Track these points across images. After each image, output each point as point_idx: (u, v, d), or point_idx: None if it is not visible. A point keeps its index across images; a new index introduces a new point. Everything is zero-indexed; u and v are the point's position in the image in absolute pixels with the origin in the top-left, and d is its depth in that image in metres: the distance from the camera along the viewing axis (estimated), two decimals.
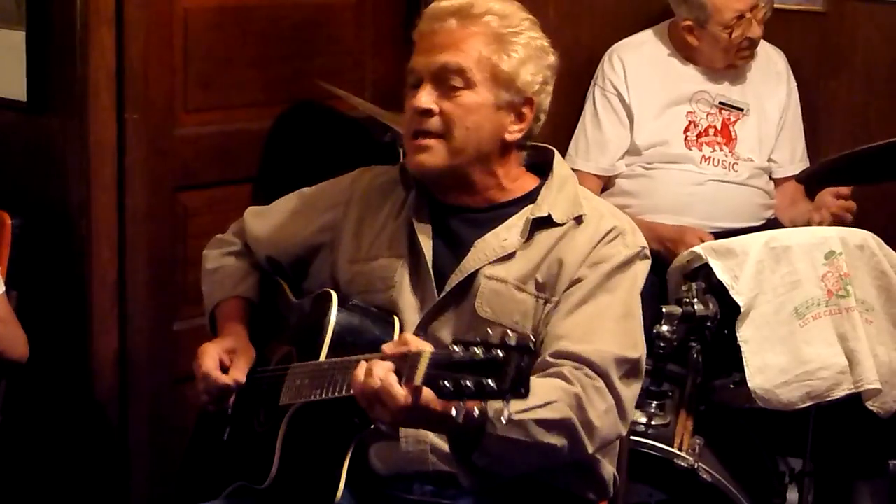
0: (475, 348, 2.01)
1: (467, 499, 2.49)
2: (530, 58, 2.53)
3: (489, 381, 1.97)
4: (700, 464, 3.09)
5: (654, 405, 3.23)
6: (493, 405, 2.02)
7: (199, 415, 2.78)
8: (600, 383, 2.36)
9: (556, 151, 2.65)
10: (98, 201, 3.27)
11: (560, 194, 2.57)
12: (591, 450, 2.35)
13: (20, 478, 3.21)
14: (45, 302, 3.05)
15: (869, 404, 3.23)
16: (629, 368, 2.43)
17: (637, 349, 2.47)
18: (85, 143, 3.25)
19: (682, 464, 3.09)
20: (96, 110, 3.24)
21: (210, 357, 2.58)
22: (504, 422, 2.01)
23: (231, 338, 2.66)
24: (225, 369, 2.59)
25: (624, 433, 2.47)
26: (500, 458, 2.27)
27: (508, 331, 2.04)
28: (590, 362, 2.37)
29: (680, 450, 3.13)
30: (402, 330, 2.48)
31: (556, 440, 2.29)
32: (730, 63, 3.93)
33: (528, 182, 2.62)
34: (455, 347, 2.03)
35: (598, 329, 2.42)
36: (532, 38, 2.55)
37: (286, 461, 2.47)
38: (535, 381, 2.14)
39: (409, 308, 2.54)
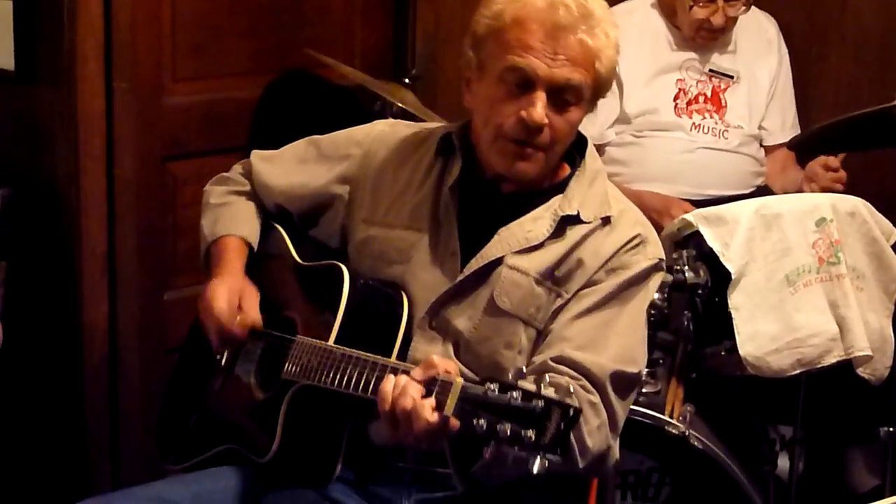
0: (513, 392, 1.99)
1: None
2: (612, 60, 2.45)
3: (529, 432, 1.96)
4: (691, 431, 3.10)
5: (644, 373, 3.24)
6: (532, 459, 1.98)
7: (185, 346, 2.77)
8: (596, 398, 2.35)
9: (589, 141, 2.58)
10: (87, 171, 3.28)
11: (590, 190, 2.52)
12: (581, 465, 2.34)
13: (10, 447, 3.21)
14: (35, 273, 3.05)
15: (860, 371, 3.24)
16: (626, 384, 2.42)
17: (636, 364, 2.45)
18: (73, 113, 3.25)
19: (673, 431, 3.10)
20: (84, 80, 3.24)
21: (221, 296, 2.55)
22: (534, 471, 1.97)
23: (235, 277, 2.62)
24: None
25: (612, 446, 2.42)
26: (498, 472, 2.26)
27: (543, 384, 1.99)
28: (589, 374, 2.36)
29: (671, 417, 3.13)
30: (410, 308, 2.45)
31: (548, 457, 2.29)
32: (690, 37, 3.93)
33: (560, 169, 2.56)
34: (490, 385, 2.02)
35: (603, 340, 2.41)
36: (617, 36, 2.47)
37: (287, 436, 2.46)
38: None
39: (421, 286, 2.50)
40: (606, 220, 2.49)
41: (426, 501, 2.53)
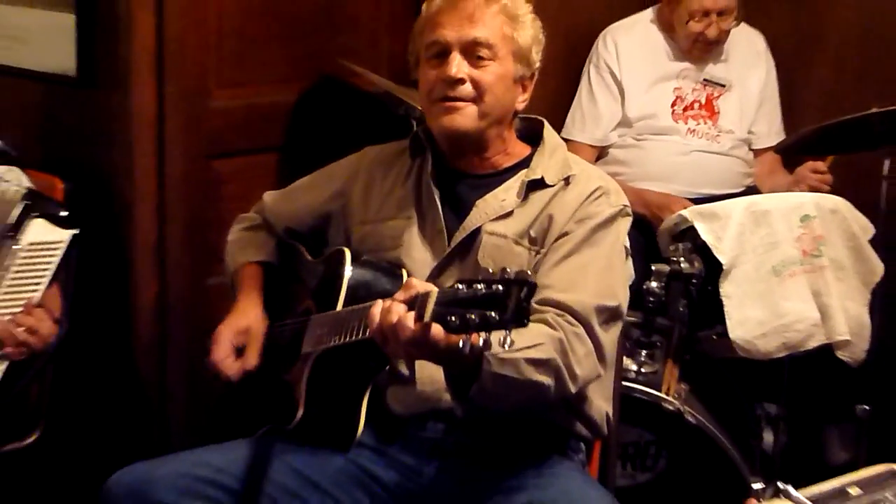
0: (477, 284, 2.02)
1: (477, 435, 2.52)
2: (536, 37, 2.59)
3: (492, 313, 1.98)
4: (685, 408, 3.11)
5: (643, 354, 3.25)
6: (497, 335, 2.00)
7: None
8: (580, 330, 2.39)
9: (545, 121, 2.69)
10: (139, 167, 3.28)
11: (551, 160, 2.61)
12: (572, 389, 2.38)
13: (69, 416, 3.22)
14: (91, 260, 3.06)
15: (839, 354, 3.26)
16: (608, 315, 2.46)
17: (616, 298, 2.49)
18: (128, 115, 3.25)
19: (669, 407, 3.11)
20: (138, 85, 3.24)
21: (222, 346, 2.62)
22: (506, 348, 2.01)
23: (243, 313, 2.69)
24: (239, 349, 2.62)
25: (602, 373, 2.48)
26: (494, 394, 2.29)
27: (507, 266, 2.03)
28: (572, 310, 2.40)
29: (667, 395, 3.15)
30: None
31: (543, 378, 2.32)
32: (687, 49, 3.93)
33: (522, 149, 2.66)
34: (459, 285, 2.04)
35: (581, 280, 2.45)
36: (534, 18, 2.61)
37: (310, 403, 2.50)
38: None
39: (418, 263, 2.58)
40: (568, 180, 2.57)
41: (445, 468, 2.53)
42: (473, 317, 2.00)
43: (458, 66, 2.49)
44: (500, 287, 1.99)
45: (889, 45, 4.00)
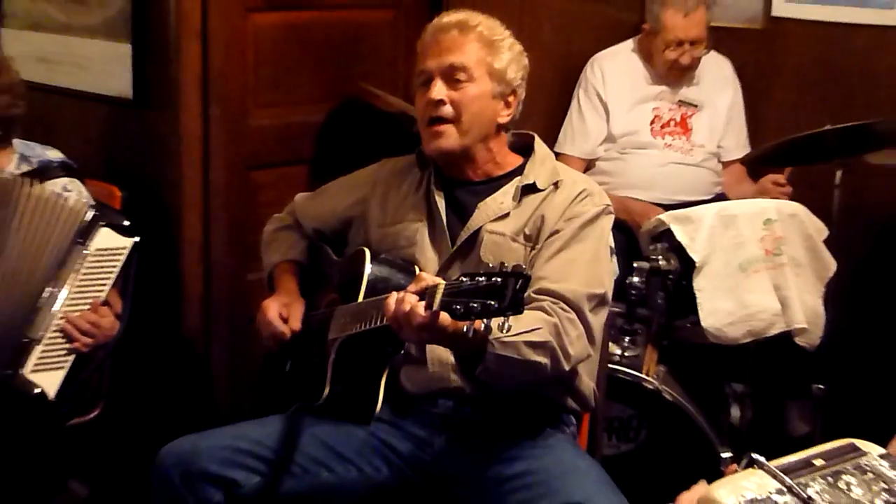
0: (479, 277, 2.05)
1: (481, 411, 2.53)
2: (514, 59, 2.59)
3: (492, 301, 2.01)
4: (663, 387, 3.12)
5: (626, 340, 3.26)
6: (496, 321, 2.04)
7: (265, 354, 2.81)
8: (573, 315, 2.40)
9: (535, 135, 2.69)
10: (187, 178, 3.29)
11: (542, 167, 2.62)
12: (566, 367, 2.39)
13: (126, 399, 3.24)
14: (145, 258, 3.07)
15: (797, 340, 3.27)
16: (597, 302, 2.48)
17: (603, 286, 2.50)
18: (177, 132, 3.27)
19: (649, 386, 3.12)
20: (186, 106, 3.26)
21: (272, 310, 2.64)
22: (504, 332, 2.05)
23: (285, 293, 2.71)
24: (283, 319, 2.64)
25: (593, 353, 2.50)
26: (497, 372, 2.32)
27: (505, 261, 2.07)
28: (565, 298, 2.41)
29: (647, 376, 3.15)
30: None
31: (540, 358, 2.33)
32: (664, 74, 3.93)
33: (515, 160, 2.66)
34: (463, 278, 2.07)
35: (571, 271, 2.46)
36: (513, 43, 2.61)
37: (335, 383, 2.51)
38: (523, 313, 2.19)
39: (428, 260, 2.59)
40: (557, 185, 2.58)
41: (453, 440, 2.54)
42: (475, 305, 2.03)
43: (438, 89, 2.52)
44: (499, 279, 2.02)
45: (838, 71, 3.99)
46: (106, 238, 2.82)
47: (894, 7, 3.85)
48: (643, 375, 3.14)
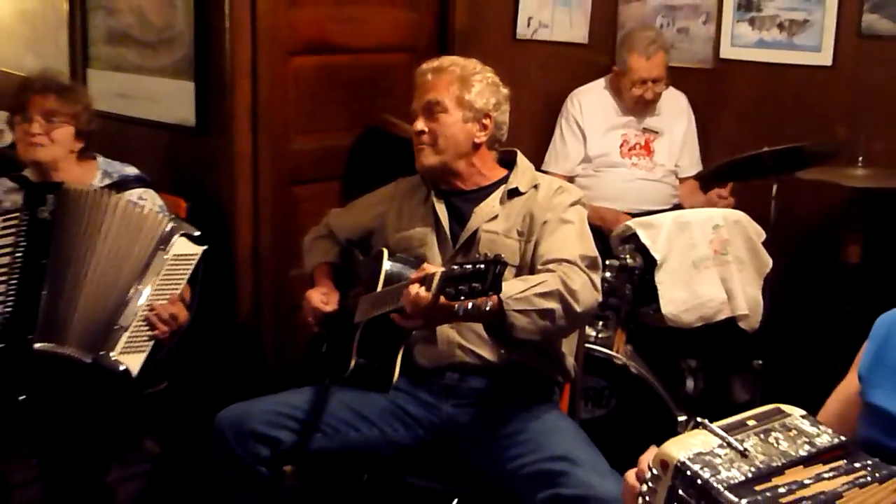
0: (466, 265, 2.08)
1: (480, 382, 2.52)
2: (484, 88, 2.57)
3: (476, 285, 2.05)
4: (630, 362, 3.10)
5: (600, 324, 3.24)
6: (481, 300, 2.12)
7: (309, 339, 2.80)
8: (575, 268, 2.39)
9: (518, 151, 2.68)
10: (239, 191, 3.27)
11: (523, 176, 2.62)
12: (579, 309, 2.36)
13: (191, 374, 3.22)
14: (207, 259, 3.05)
15: (741, 324, 3.26)
16: (591, 262, 2.45)
17: (592, 251, 2.49)
18: (231, 154, 3.25)
19: (618, 362, 3.09)
20: (238, 132, 3.24)
21: (315, 297, 2.66)
22: (487, 309, 2.16)
23: (324, 286, 2.72)
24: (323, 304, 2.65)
25: (600, 299, 2.47)
26: (521, 327, 2.30)
27: (488, 252, 2.11)
28: (564, 259, 2.41)
29: (617, 353, 3.13)
30: None
31: (552, 304, 2.32)
32: (630, 107, 3.90)
33: (500, 172, 2.65)
34: (454, 266, 2.11)
35: (566, 244, 2.45)
36: (486, 77, 2.60)
37: (360, 358, 2.50)
38: (531, 276, 2.33)
39: (435, 256, 2.58)
40: (536, 187, 2.58)
41: (458, 405, 2.54)
42: (464, 288, 2.06)
43: (419, 123, 2.55)
44: (482, 266, 2.06)
45: (774, 103, 3.99)
46: (182, 246, 2.82)
47: (819, 51, 3.85)
48: (613, 353, 3.12)
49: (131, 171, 3.03)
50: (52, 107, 2.86)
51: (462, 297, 2.08)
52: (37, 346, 2.71)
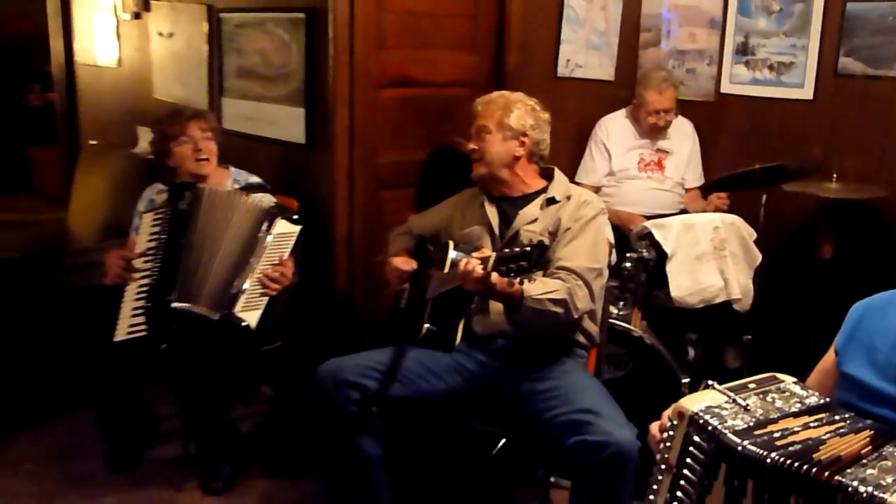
0: (516, 248, 2.15)
1: (523, 346, 2.51)
2: (523, 113, 2.58)
3: (523, 263, 2.11)
4: (644, 334, 3.05)
5: (621, 304, 3.19)
6: (527, 278, 2.19)
7: (390, 311, 2.82)
8: (581, 282, 2.39)
9: (556, 168, 2.67)
10: (338, 195, 3.30)
11: (560, 187, 2.60)
12: (576, 315, 2.41)
13: (299, 335, 3.25)
14: (310, 247, 3.08)
15: (734, 306, 3.22)
16: (596, 273, 2.46)
17: (599, 262, 2.48)
18: (332, 165, 3.27)
19: (635, 334, 3.05)
20: (339, 149, 3.26)
21: (399, 259, 2.70)
22: (532, 282, 2.21)
23: (403, 256, 2.74)
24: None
25: (594, 307, 2.49)
26: (529, 318, 2.34)
27: (532, 238, 2.16)
28: (574, 271, 2.41)
29: (634, 327, 3.09)
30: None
31: (558, 309, 2.34)
32: (646, 132, 3.84)
33: (541, 183, 2.65)
34: (506, 250, 2.17)
35: (578, 253, 2.45)
36: (526, 104, 2.60)
37: (431, 323, 2.51)
38: (549, 280, 2.30)
39: (487, 248, 2.55)
40: (569, 197, 2.57)
41: (505, 365, 2.53)
42: (514, 266, 2.12)
43: (472, 143, 2.58)
44: (528, 249, 2.12)
45: (764, 129, 3.92)
46: (283, 226, 2.87)
47: (802, 87, 3.76)
48: (631, 327, 3.08)
49: (255, 179, 3.10)
50: (205, 127, 2.95)
51: (512, 274, 2.12)
52: (175, 304, 2.76)
